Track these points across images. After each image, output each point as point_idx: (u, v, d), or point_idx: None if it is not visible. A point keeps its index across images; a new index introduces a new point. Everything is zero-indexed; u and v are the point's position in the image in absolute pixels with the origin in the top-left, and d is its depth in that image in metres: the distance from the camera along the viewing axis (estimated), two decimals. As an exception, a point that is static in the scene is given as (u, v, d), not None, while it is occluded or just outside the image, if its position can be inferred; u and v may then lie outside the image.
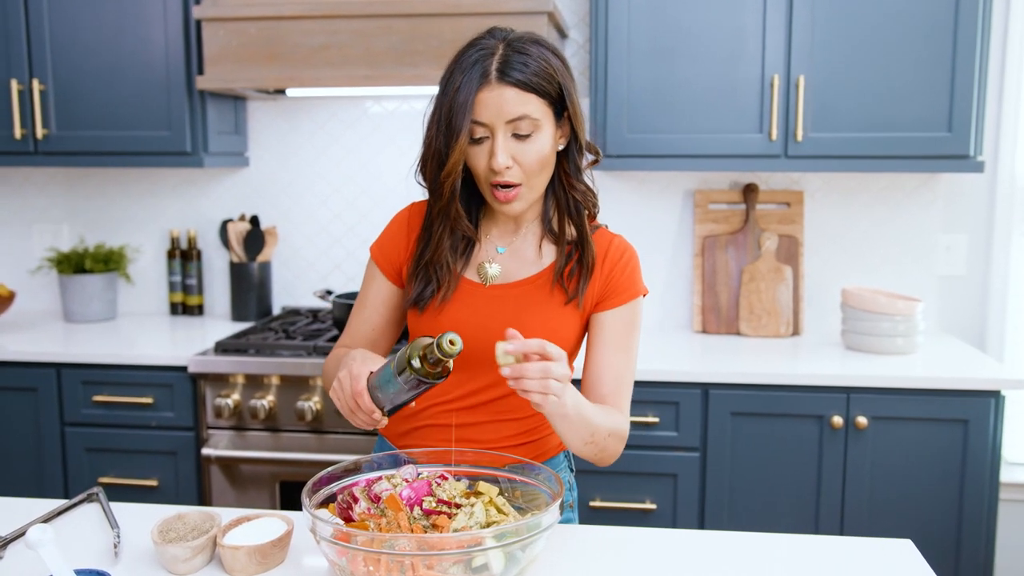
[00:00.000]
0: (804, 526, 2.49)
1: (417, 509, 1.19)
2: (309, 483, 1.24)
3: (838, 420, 2.42)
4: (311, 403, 2.55)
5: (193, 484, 2.66)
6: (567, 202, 1.49)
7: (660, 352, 2.71)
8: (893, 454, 2.44)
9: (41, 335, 2.93)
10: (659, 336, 2.93)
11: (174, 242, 3.22)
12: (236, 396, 2.59)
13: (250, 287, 3.10)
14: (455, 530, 1.16)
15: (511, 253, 1.52)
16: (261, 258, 3.12)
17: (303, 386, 2.57)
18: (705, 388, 2.48)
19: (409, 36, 2.58)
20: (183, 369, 2.62)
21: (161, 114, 2.84)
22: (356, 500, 1.22)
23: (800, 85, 2.57)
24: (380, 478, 1.26)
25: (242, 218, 3.16)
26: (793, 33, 2.58)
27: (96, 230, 3.32)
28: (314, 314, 3.08)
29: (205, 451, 2.59)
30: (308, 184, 3.20)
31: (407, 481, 1.24)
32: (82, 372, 2.68)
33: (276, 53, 2.64)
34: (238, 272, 3.10)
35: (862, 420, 2.41)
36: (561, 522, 1.56)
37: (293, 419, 2.58)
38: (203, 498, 2.66)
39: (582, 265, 1.49)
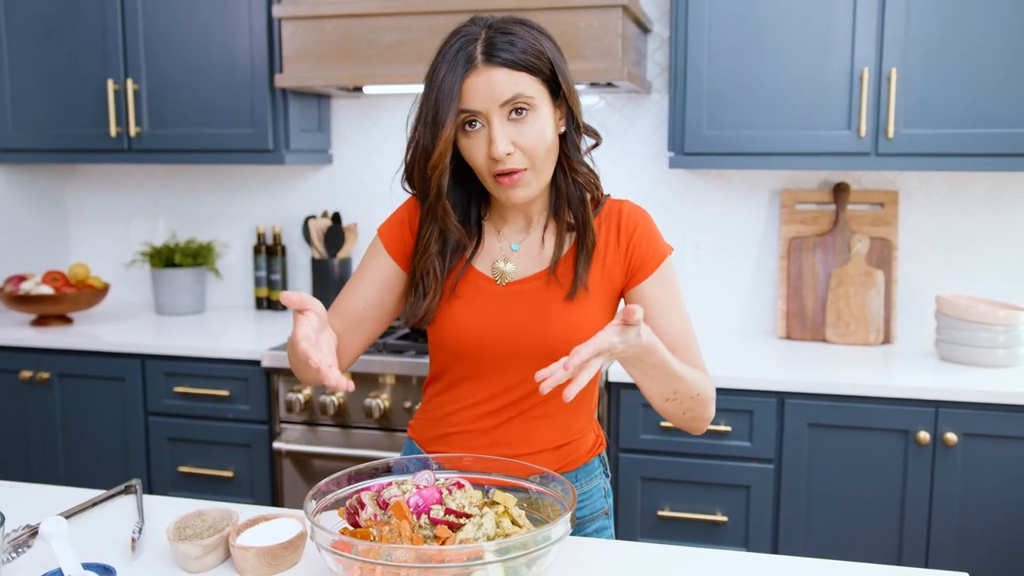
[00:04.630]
0: (886, 549, 2.34)
1: (424, 518, 1.16)
2: (317, 485, 1.21)
3: (924, 436, 2.26)
4: (379, 400, 2.55)
5: (266, 477, 2.70)
6: (567, 188, 1.42)
7: (736, 357, 2.60)
8: (986, 475, 2.27)
9: (131, 326, 3.03)
10: (740, 341, 2.81)
11: (260, 238, 3.29)
12: (307, 391, 2.62)
13: (330, 283, 3.13)
14: (459, 541, 1.12)
15: (525, 249, 1.47)
16: (341, 254, 3.15)
17: (372, 383, 2.58)
18: (781, 397, 2.36)
19: (481, 32, 2.54)
20: (258, 363, 2.67)
21: (245, 112, 2.89)
22: (363, 505, 1.19)
23: (892, 78, 2.42)
24: (391, 483, 1.23)
25: (324, 215, 3.20)
26: (885, 23, 2.43)
27: (188, 225, 3.42)
28: (391, 311, 3.09)
29: (277, 445, 2.63)
30: (388, 181, 3.20)
31: (418, 488, 1.20)
32: (165, 363, 2.76)
33: (351, 51, 2.66)
34: (319, 268, 3.14)
35: (951, 437, 2.25)
36: (593, 531, 1.50)
37: (362, 416, 2.59)
38: (275, 491, 2.70)
39: (580, 250, 1.42)
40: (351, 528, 1.19)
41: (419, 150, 1.37)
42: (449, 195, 1.41)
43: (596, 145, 1.46)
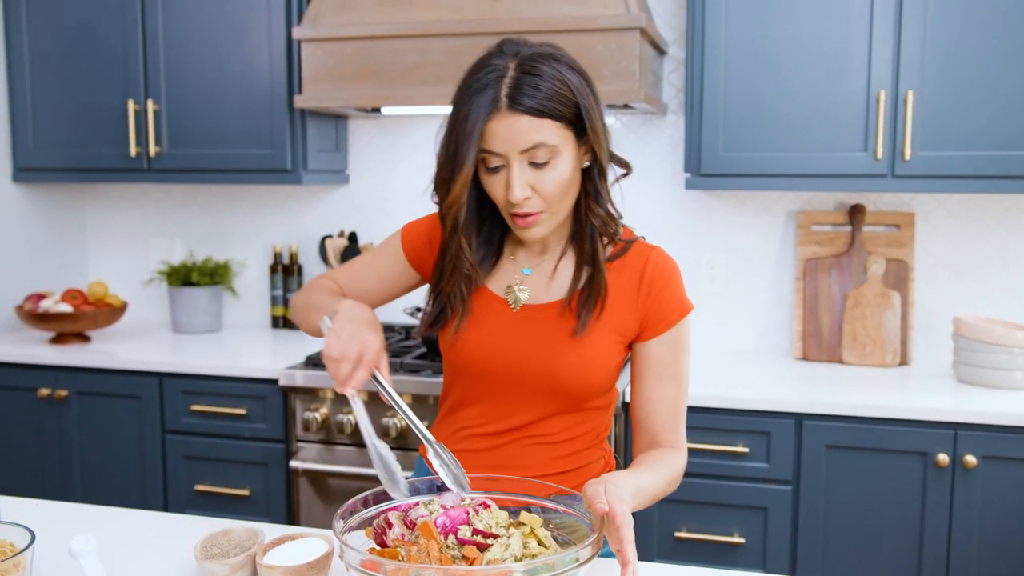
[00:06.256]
0: (904, 573, 2.33)
1: (452, 538, 1.16)
2: (345, 505, 1.22)
3: (943, 458, 2.25)
4: (396, 420, 2.56)
5: (282, 496, 2.71)
6: (586, 225, 1.42)
7: (754, 379, 2.60)
8: (1006, 498, 2.26)
9: (149, 345, 3.05)
10: (756, 362, 2.81)
11: (276, 257, 3.31)
12: (324, 410, 2.63)
13: (346, 302, 3.14)
14: (487, 562, 1.12)
15: (538, 274, 1.47)
16: (358, 274, 3.16)
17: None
18: (799, 418, 2.35)
19: (500, 54, 2.57)
20: (275, 382, 2.68)
21: (263, 132, 2.92)
22: (391, 525, 1.19)
23: (909, 100, 2.43)
24: (418, 503, 1.23)
25: (341, 234, 3.22)
26: (902, 46, 2.44)
27: (205, 244, 3.44)
28: (407, 331, 3.10)
29: (293, 463, 2.64)
30: (404, 202, 3.23)
31: (445, 508, 1.21)
32: (182, 382, 2.77)
33: (370, 72, 2.68)
34: (335, 287, 3.15)
35: (971, 459, 2.24)
36: (606, 553, 1.50)
37: (379, 435, 2.59)
38: (291, 510, 2.70)
39: (590, 290, 1.41)
40: (378, 548, 1.20)
41: (440, 179, 1.37)
42: (471, 220, 1.41)
43: (626, 174, 1.44)
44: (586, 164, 1.39)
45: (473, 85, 1.31)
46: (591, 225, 1.41)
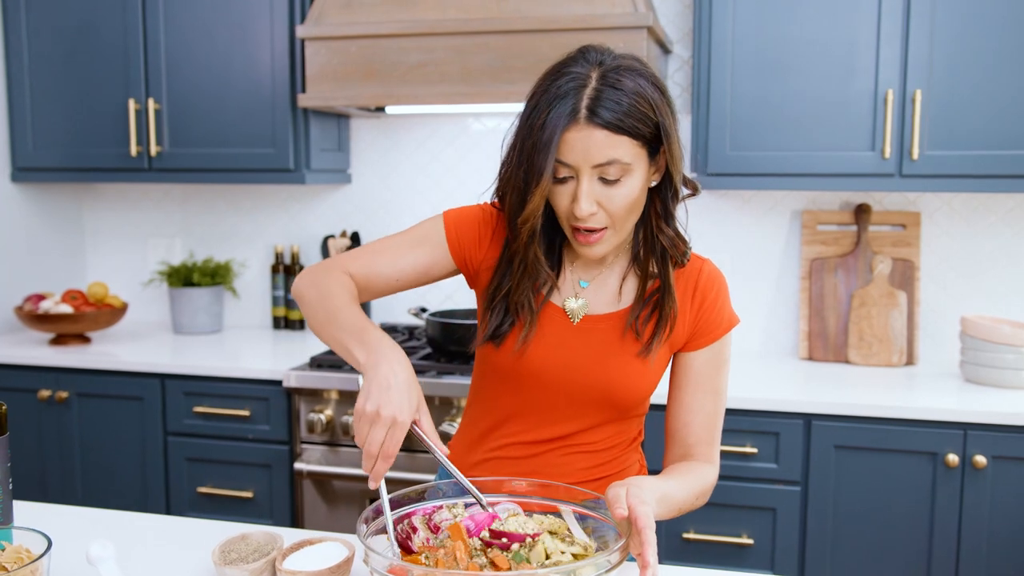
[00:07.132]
0: (914, 574, 2.32)
1: (476, 540, 1.15)
2: (368, 510, 1.20)
3: (953, 458, 2.25)
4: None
5: (286, 498, 2.69)
6: (653, 244, 1.38)
7: (761, 379, 2.59)
8: (1016, 498, 2.26)
9: (149, 346, 3.02)
10: (761, 363, 2.80)
11: (278, 257, 3.28)
12: (329, 411, 2.61)
13: (349, 303, 3.12)
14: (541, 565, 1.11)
15: (596, 286, 1.43)
16: (360, 274, 3.14)
17: (394, 404, 2.56)
18: (807, 419, 2.35)
19: (506, 53, 2.56)
20: (279, 383, 2.66)
21: (266, 132, 2.90)
22: (415, 530, 1.18)
23: (917, 100, 2.43)
24: (441, 507, 1.22)
25: (343, 234, 3.20)
26: (910, 45, 2.44)
27: (206, 244, 3.42)
28: (410, 331, 3.08)
29: (298, 465, 2.62)
30: (407, 201, 3.22)
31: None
32: (184, 383, 2.75)
33: (374, 71, 2.66)
34: (338, 288, 3.13)
35: (980, 459, 2.24)
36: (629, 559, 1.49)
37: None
38: (295, 512, 2.68)
39: (661, 314, 1.38)
40: (403, 552, 1.18)
41: (512, 186, 1.31)
42: (540, 233, 1.36)
43: (693, 194, 1.39)
44: (654, 183, 1.34)
45: (552, 91, 1.25)
46: (660, 246, 1.38)
